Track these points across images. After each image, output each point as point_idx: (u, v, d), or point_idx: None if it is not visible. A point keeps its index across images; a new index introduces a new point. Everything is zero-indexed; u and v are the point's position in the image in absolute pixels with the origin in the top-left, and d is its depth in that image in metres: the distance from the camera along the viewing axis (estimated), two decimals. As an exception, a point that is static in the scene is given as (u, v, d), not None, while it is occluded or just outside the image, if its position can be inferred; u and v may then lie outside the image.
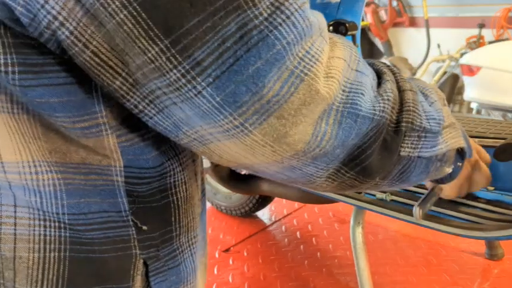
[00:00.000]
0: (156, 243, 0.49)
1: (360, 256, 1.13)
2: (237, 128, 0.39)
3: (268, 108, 0.38)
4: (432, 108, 0.51)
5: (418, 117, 0.48)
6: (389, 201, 1.01)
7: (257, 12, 0.35)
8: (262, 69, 0.36)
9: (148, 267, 0.48)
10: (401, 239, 1.73)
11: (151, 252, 0.48)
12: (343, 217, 1.94)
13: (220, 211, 2.06)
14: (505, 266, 1.51)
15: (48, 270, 0.44)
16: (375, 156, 0.46)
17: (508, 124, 1.07)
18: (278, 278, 1.52)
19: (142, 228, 0.47)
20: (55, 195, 0.44)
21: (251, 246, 1.75)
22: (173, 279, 0.51)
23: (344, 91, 0.41)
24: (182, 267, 0.52)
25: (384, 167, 0.48)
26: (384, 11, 4.55)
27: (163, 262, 0.50)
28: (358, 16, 1.36)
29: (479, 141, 0.99)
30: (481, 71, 2.47)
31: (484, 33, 3.71)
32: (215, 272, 1.59)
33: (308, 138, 0.40)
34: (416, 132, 0.48)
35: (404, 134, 0.47)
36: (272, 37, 0.35)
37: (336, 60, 0.41)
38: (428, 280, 1.46)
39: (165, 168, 0.48)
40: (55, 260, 0.44)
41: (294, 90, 0.37)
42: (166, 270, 0.50)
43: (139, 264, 0.48)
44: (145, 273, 0.49)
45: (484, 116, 3.03)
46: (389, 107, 0.45)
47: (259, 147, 0.40)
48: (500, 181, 0.97)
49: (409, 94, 0.47)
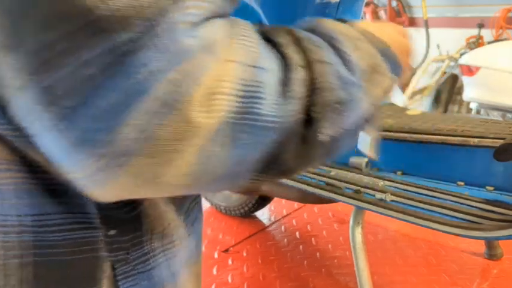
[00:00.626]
0: (127, 246, 0.46)
1: (360, 256, 1.13)
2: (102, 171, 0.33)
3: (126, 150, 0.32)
4: (348, 67, 0.42)
5: (333, 93, 0.40)
6: (388, 201, 1.01)
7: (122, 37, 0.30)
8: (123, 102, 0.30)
9: (115, 270, 0.46)
10: (401, 239, 1.73)
11: (119, 255, 0.46)
12: (343, 217, 1.94)
13: (219, 211, 2.06)
14: (504, 266, 1.51)
15: (10, 277, 0.41)
16: (290, 155, 0.40)
17: (507, 124, 1.07)
18: (277, 278, 1.52)
19: (110, 232, 0.44)
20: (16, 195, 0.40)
21: (250, 246, 1.75)
22: (145, 283, 0.49)
23: (238, 97, 0.33)
24: (155, 273, 0.49)
25: (302, 161, 0.42)
26: (383, 11, 4.55)
27: (132, 266, 0.47)
28: (358, 16, 1.36)
29: (478, 141, 0.99)
30: (480, 71, 2.47)
31: (483, 34, 3.72)
32: (214, 272, 1.58)
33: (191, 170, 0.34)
34: (333, 109, 0.40)
35: (318, 119, 0.39)
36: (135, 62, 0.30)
37: (228, 65, 0.33)
38: (428, 280, 1.46)
39: None
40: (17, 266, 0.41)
41: (159, 125, 0.31)
42: (136, 274, 0.48)
43: (105, 267, 0.45)
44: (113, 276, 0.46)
45: (483, 116, 3.03)
46: (298, 104, 0.37)
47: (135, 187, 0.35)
48: (499, 181, 0.97)
49: (318, 67, 0.39)
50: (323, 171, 1.21)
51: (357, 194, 1.05)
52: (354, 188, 1.09)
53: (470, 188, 1.01)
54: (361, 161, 1.17)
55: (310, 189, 1.14)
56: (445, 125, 1.10)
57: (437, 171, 1.07)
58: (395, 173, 1.13)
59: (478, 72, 2.48)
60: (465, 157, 1.02)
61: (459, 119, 1.15)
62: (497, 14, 3.71)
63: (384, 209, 0.99)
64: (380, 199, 1.02)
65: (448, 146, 1.04)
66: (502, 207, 0.90)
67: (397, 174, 1.12)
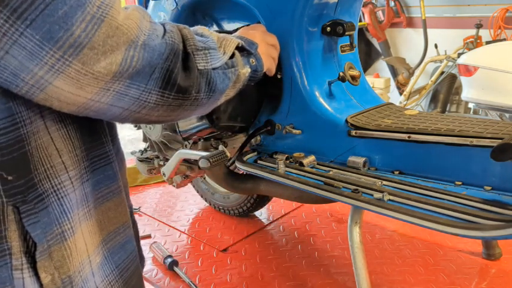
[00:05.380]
0: (22, 190, 0.56)
1: (358, 256, 1.13)
2: (59, 61, 0.51)
3: (81, 42, 0.51)
4: (205, 38, 0.74)
5: (197, 42, 0.70)
6: (386, 201, 1.01)
7: None
8: (69, 12, 0.50)
9: (19, 209, 0.56)
10: (399, 238, 1.73)
11: (18, 199, 0.56)
12: (341, 217, 1.94)
13: (218, 211, 2.06)
14: (502, 266, 1.52)
15: None
16: (181, 75, 0.64)
17: (505, 124, 1.08)
18: (276, 278, 1.52)
19: (8, 178, 0.55)
20: None
21: (249, 245, 1.75)
22: (45, 220, 0.59)
23: (143, 33, 0.57)
24: (50, 209, 0.59)
25: (192, 82, 0.66)
26: (382, 11, 4.56)
27: (32, 205, 0.57)
28: (356, 16, 1.36)
29: (476, 141, 1.00)
30: (478, 71, 2.47)
31: (482, 34, 3.72)
32: (213, 272, 1.59)
33: (119, 61, 0.54)
34: (201, 51, 0.70)
35: (193, 54, 0.68)
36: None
37: (133, 12, 0.57)
38: (426, 280, 1.46)
39: (15, 119, 0.56)
40: None
41: (97, 28, 0.52)
42: (38, 212, 0.58)
43: (8, 210, 0.55)
44: (19, 218, 0.56)
45: (481, 116, 3.04)
46: (176, 38, 0.64)
47: (82, 76, 0.53)
48: (497, 181, 0.97)
49: (185, 31, 0.69)
50: (321, 171, 1.21)
51: (354, 194, 1.06)
52: (351, 187, 1.09)
53: (468, 187, 1.01)
54: (359, 161, 1.17)
55: (308, 189, 1.14)
56: (442, 124, 1.10)
57: (435, 171, 1.07)
58: (393, 172, 1.13)
59: (476, 73, 2.49)
60: (463, 157, 1.02)
61: (457, 119, 1.16)
62: (496, 14, 3.71)
63: (382, 208, 0.99)
64: (378, 199, 1.02)
65: (445, 145, 1.04)
66: (500, 207, 0.90)
67: (395, 173, 1.13)
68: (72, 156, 0.64)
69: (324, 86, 1.29)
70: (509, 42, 3.06)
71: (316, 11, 1.25)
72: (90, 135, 0.68)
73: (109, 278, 0.70)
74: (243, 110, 1.33)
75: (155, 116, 0.65)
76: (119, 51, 0.54)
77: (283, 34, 1.25)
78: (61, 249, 0.60)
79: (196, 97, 0.68)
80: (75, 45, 0.50)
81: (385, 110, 1.31)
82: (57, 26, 0.49)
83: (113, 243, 0.72)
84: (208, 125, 1.33)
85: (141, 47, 0.57)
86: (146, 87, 0.59)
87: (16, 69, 0.51)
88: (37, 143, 0.58)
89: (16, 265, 0.56)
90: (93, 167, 0.68)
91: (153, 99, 0.61)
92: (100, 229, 0.69)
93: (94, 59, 0.52)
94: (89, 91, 0.55)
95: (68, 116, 0.63)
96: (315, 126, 1.27)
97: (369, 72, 4.83)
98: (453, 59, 3.56)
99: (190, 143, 1.49)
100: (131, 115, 0.62)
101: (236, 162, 1.36)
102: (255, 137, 1.38)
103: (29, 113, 0.57)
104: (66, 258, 0.61)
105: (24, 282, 0.56)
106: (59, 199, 0.61)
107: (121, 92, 0.57)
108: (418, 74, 4.02)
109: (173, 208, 2.16)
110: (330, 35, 1.28)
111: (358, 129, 1.18)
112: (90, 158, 0.68)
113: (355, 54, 1.38)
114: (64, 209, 0.61)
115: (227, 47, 0.80)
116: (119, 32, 0.54)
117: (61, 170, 0.62)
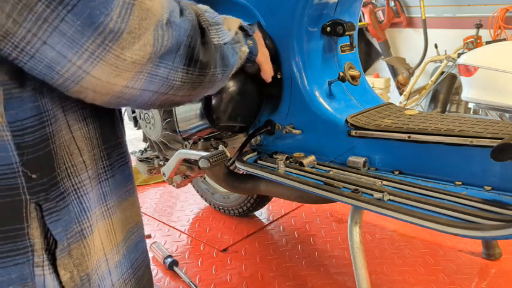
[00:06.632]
0: (45, 188, 0.56)
1: (358, 256, 1.13)
2: (99, 47, 0.51)
3: (119, 27, 0.51)
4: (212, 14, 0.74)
5: (208, 17, 0.71)
6: (386, 201, 1.01)
7: None
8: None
9: (42, 206, 0.56)
10: (399, 238, 1.73)
11: (41, 197, 0.56)
12: (341, 217, 1.94)
13: (218, 211, 2.06)
14: (502, 266, 1.52)
15: None
16: (202, 51, 0.65)
17: (505, 124, 1.08)
18: (276, 278, 1.52)
19: (32, 176, 0.55)
20: None
21: (249, 245, 1.75)
22: (66, 218, 0.59)
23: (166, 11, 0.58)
24: (71, 208, 0.60)
25: (211, 57, 0.68)
26: (382, 11, 4.55)
27: (54, 203, 0.58)
28: (356, 16, 1.37)
29: (476, 141, 1.00)
30: (478, 71, 2.47)
31: (482, 34, 3.72)
32: (213, 272, 1.59)
33: (152, 41, 0.56)
34: (213, 26, 0.71)
35: (207, 29, 0.69)
36: None
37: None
38: (426, 280, 1.46)
39: (43, 117, 0.56)
40: None
41: (130, 12, 0.52)
42: (59, 210, 0.58)
43: (30, 208, 0.55)
44: (41, 216, 0.56)
45: (481, 116, 3.04)
46: (193, 15, 0.65)
47: (121, 62, 0.53)
48: (497, 181, 0.97)
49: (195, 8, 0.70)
50: (321, 171, 1.21)
51: (354, 194, 1.06)
52: (351, 187, 1.09)
53: (468, 187, 1.01)
54: (359, 161, 1.17)
55: (308, 189, 1.14)
56: (442, 124, 1.10)
57: (435, 170, 1.07)
58: (393, 172, 1.13)
59: (476, 73, 2.48)
60: (463, 157, 1.02)
61: (457, 119, 1.16)
62: (496, 14, 3.71)
63: (382, 208, 0.99)
64: (378, 199, 1.02)
65: (445, 145, 1.04)
66: (500, 207, 0.90)
67: (395, 174, 1.13)
68: (92, 155, 0.65)
69: (324, 86, 1.29)
70: (509, 42, 3.06)
71: (316, 11, 1.25)
72: (110, 135, 0.69)
73: (124, 277, 0.71)
74: (243, 110, 1.33)
75: (179, 97, 0.65)
76: (149, 32, 0.55)
77: (283, 34, 1.25)
78: (80, 247, 0.61)
79: (213, 73, 0.69)
80: (115, 30, 0.51)
81: (385, 110, 1.31)
82: (98, 11, 0.49)
83: (129, 242, 0.73)
84: (208, 125, 1.34)
85: (167, 26, 0.58)
86: (173, 65, 0.60)
87: (52, 61, 0.51)
88: (60, 141, 0.59)
89: (37, 262, 0.56)
90: (113, 166, 0.69)
91: (179, 78, 0.62)
92: (120, 228, 0.70)
93: (131, 43, 0.53)
94: (125, 77, 0.55)
95: (89, 115, 0.64)
96: (315, 126, 1.27)
97: (369, 72, 4.83)
98: (453, 59, 3.56)
99: (190, 143, 1.49)
100: (159, 98, 0.63)
101: (236, 162, 1.36)
102: (255, 137, 1.38)
103: (54, 111, 0.58)
104: (84, 256, 0.62)
105: (45, 279, 0.57)
106: (79, 197, 0.62)
107: (152, 73, 0.58)
108: (418, 74, 4.02)
109: (173, 208, 2.16)
110: (330, 35, 1.28)
111: (358, 129, 1.18)
112: (109, 158, 0.68)
113: (355, 54, 1.38)
114: (83, 208, 0.62)
115: (231, 24, 0.82)
116: (150, 13, 0.55)
117: (81, 169, 0.62)
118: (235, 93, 1.27)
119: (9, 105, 0.52)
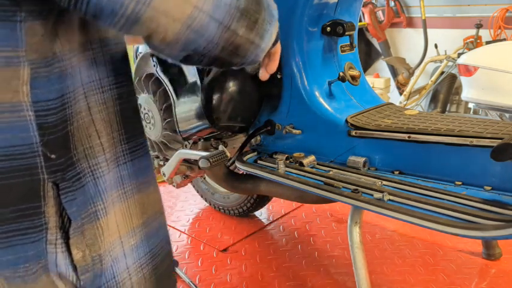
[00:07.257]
0: (62, 168, 0.57)
1: (358, 256, 1.13)
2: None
3: None
4: None
5: None
6: (386, 201, 1.01)
7: None
8: None
9: (58, 186, 0.57)
10: (399, 238, 1.73)
11: (58, 177, 0.57)
12: (341, 217, 1.94)
13: (218, 211, 2.06)
14: (502, 266, 1.52)
15: None
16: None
17: (505, 124, 1.08)
18: (276, 278, 1.52)
19: (51, 157, 0.56)
20: None
21: (249, 245, 1.75)
22: (81, 198, 0.60)
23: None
24: (86, 189, 0.61)
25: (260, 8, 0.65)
26: (382, 11, 4.55)
27: (70, 183, 0.58)
28: (356, 16, 1.37)
29: (476, 141, 1.00)
30: (478, 71, 2.47)
31: (482, 34, 3.72)
32: (213, 272, 1.59)
33: None
34: None
35: None
36: None
37: None
38: (426, 280, 1.46)
39: (64, 99, 0.56)
40: None
41: None
42: (75, 190, 0.59)
43: (47, 187, 0.56)
44: (57, 195, 0.57)
45: (481, 116, 3.04)
46: None
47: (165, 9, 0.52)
48: (497, 181, 0.97)
49: None
50: (321, 171, 1.21)
51: (354, 194, 1.06)
52: (351, 187, 1.09)
53: (468, 187, 1.01)
54: (359, 161, 1.17)
55: (308, 189, 1.14)
56: (442, 124, 1.10)
57: (435, 171, 1.07)
58: (393, 172, 1.13)
59: (476, 73, 2.48)
60: (463, 157, 1.02)
61: (457, 119, 1.16)
62: (496, 14, 3.71)
63: (382, 208, 0.99)
64: (378, 199, 1.02)
65: (445, 145, 1.04)
66: (500, 207, 0.90)
67: (395, 174, 1.13)
68: (110, 138, 0.65)
69: (324, 86, 1.29)
70: (509, 42, 3.06)
71: (316, 11, 1.25)
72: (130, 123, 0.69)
73: (141, 261, 0.71)
74: (243, 110, 1.33)
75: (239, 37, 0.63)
76: None
77: (283, 34, 1.25)
78: (93, 227, 0.62)
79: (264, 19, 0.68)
80: None
81: (385, 110, 1.31)
82: None
83: (150, 228, 0.73)
84: (208, 125, 1.34)
85: None
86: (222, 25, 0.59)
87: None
88: (79, 123, 0.59)
89: (51, 240, 0.57)
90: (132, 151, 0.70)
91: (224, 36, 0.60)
92: (138, 212, 0.71)
93: None
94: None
95: (110, 99, 0.64)
96: (315, 126, 1.27)
97: (369, 72, 4.83)
98: (453, 59, 3.55)
99: (190, 143, 1.49)
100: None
101: (236, 162, 1.36)
102: (255, 137, 1.38)
103: (75, 93, 0.58)
104: (97, 237, 0.62)
105: (57, 256, 0.58)
106: (95, 179, 0.62)
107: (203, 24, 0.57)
108: (418, 74, 4.02)
109: (173, 208, 2.16)
110: (330, 35, 1.28)
111: (358, 129, 1.18)
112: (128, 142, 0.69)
113: (355, 54, 1.38)
114: (99, 189, 0.63)
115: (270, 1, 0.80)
116: None
117: (99, 151, 0.63)
118: (235, 93, 1.27)
119: (35, 84, 0.52)
